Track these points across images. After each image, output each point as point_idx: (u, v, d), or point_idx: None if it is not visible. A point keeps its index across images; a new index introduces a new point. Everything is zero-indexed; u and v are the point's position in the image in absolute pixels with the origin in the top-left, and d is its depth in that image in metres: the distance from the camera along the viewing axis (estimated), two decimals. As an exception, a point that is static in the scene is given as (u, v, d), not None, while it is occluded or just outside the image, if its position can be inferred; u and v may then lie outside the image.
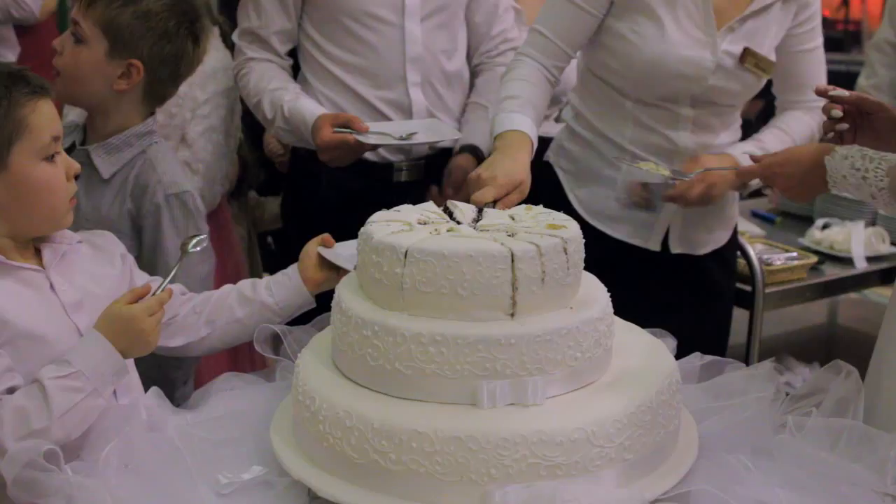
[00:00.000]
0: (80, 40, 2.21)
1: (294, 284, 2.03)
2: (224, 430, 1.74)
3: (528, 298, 1.56)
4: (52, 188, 1.79)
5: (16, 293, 1.75)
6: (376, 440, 1.49)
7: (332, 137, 2.52)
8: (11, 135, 1.73)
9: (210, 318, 2.02)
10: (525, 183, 2.16)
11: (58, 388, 1.66)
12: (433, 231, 1.65)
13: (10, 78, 1.75)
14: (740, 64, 2.43)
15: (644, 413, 1.54)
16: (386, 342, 1.54)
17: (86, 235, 1.97)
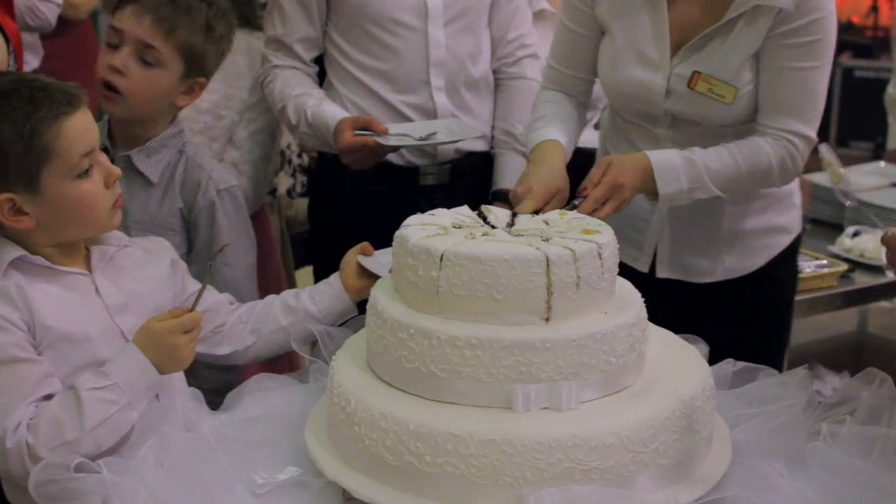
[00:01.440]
0: (153, 63, 2.22)
1: (336, 293, 2.06)
2: (259, 431, 1.76)
3: (563, 303, 1.56)
4: (91, 203, 1.79)
5: (59, 298, 1.77)
6: (412, 442, 1.50)
7: (352, 140, 2.53)
8: (39, 161, 1.73)
9: (255, 327, 2.04)
10: (563, 189, 2.18)
11: (93, 400, 1.68)
12: (468, 235, 1.66)
13: (32, 103, 1.74)
14: (690, 88, 2.25)
15: (678, 418, 1.55)
16: (421, 345, 1.55)
17: (138, 239, 1.99)
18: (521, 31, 2.88)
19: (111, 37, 2.20)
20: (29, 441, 1.64)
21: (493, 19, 2.83)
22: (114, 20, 2.21)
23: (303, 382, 1.94)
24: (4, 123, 1.71)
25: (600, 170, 2.16)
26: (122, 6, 2.20)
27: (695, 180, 2.20)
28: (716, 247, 2.43)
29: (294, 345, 1.99)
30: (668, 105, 2.29)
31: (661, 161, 2.20)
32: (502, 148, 2.85)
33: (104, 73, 2.20)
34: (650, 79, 2.29)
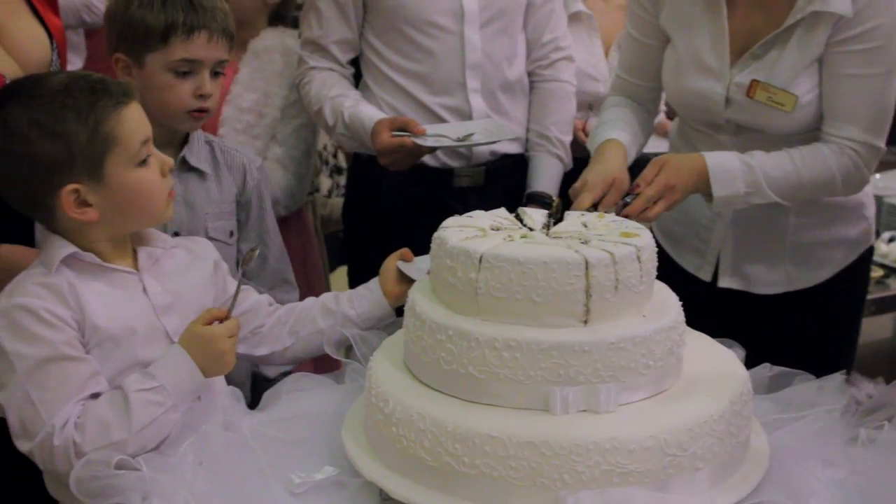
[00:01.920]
0: (220, 73, 2.28)
1: (375, 297, 2.07)
2: (296, 431, 1.77)
3: (601, 306, 1.57)
4: (151, 190, 1.82)
5: (108, 296, 1.78)
6: (450, 443, 1.51)
7: (389, 141, 2.54)
8: (103, 149, 1.75)
9: (294, 329, 2.06)
10: (620, 180, 2.19)
11: (140, 402, 1.69)
12: (507, 237, 1.66)
13: (93, 93, 1.77)
14: (749, 97, 2.25)
15: (716, 422, 1.54)
16: (460, 346, 1.56)
17: (182, 241, 2.01)
18: (556, 34, 2.88)
19: (180, 66, 2.20)
20: (76, 440, 1.65)
21: (529, 22, 2.83)
22: (181, 52, 2.20)
23: (339, 383, 1.95)
24: (69, 113, 1.73)
25: (654, 169, 2.17)
26: (189, 36, 2.19)
27: (752, 185, 2.19)
28: (779, 257, 2.41)
29: (327, 348, 2.00)
30: (728, 114, 2.29)
31: (718, 164, 2.20)
32: (536, 150, 2.86)
33: (192, 103, 2.22)
34: (710, 88, 2.29)
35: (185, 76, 2.21)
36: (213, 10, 2.22)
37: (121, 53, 2.23)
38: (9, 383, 1.69)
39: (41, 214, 1.81)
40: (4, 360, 1.69)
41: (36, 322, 1.69)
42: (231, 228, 2.35)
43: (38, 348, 1.68)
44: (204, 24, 2.20)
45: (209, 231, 2.29)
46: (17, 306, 1.70)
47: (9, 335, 1.69)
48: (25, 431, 1.68)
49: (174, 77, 2.21)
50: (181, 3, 2.19)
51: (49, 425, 1.65)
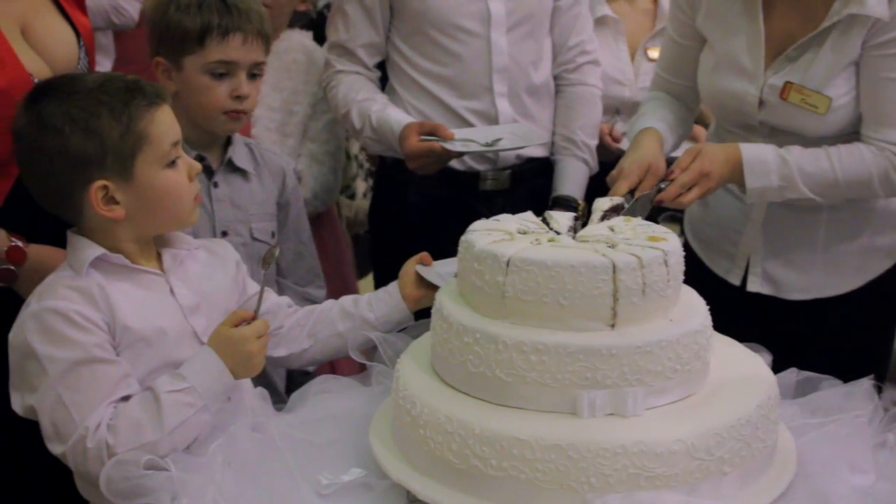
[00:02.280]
0: (258, 75, 2.32)
1: (394, 301, 2.07)
2: (324, 432, 1.78)
3: (628, 309, 1.57)
4: (178, 192, 1.84)
5: (137, 297, 1.80)
6: (477, 446, 1.51)
7: (418, 146, 2.56)
8: (134, 147, 1.77)
9: (313, 331, 2.07)
10: (655, 165, 2.21)
11: (172, 403, 1.70)
12: (534, 241, 1.67)
13: (128, 91, 1.80)
14: (782, 99, 2.25)
15: (744, 426, 1.54)
16: (487, 349, 1.56)
17: (203, 242, 2.03)
18: (582, 38, 2.89)
19: (217, 67, 2.24)
20: (109, 441, 1.66)
21: (555, 25, 2.84)
22: (217, 54, 2.24)
23: (365, 385, 1.96)
24: (104, 110, 1.76)
25: (690, 156, 2.18)
26: (223, 38, 2.23)
27: (786, 179, 2.19)
28: (811, 263, 2.39)
29: (351, 352, 2.01)
30: (762, 116, 2.29)
31: (753, 155, 2.21)
32: (562, 154, 2.86)
33: (229, 104, 2.26)
34: (744, 89, 2.29)
35: (222, 78, 2.25)
36: (248, 13, 2.26)
37: (160, 57, 2.27)
38: (41, 386, 1.70)
39: (69, 211, 1.83)
40: (36, 364, 1.71)
41: (67, 325, 1.71)
42: (273, 229, 2.39)
43: (70, 351, 1.70)
44: (239, 26, 2.23)
45: (254, 232, 2.34)
46: (47, 309, 1.72)
47: (40, 338, 1.71)
48: (58, 434, 1.70)
49: (211, 79, 2.24)
50: (216, 5, 2.23)
51: (82, 427, 1.67)
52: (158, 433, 1.68)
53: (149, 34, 2.33)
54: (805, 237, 2.37)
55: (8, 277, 2.03)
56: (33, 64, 2.10)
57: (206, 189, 2.30)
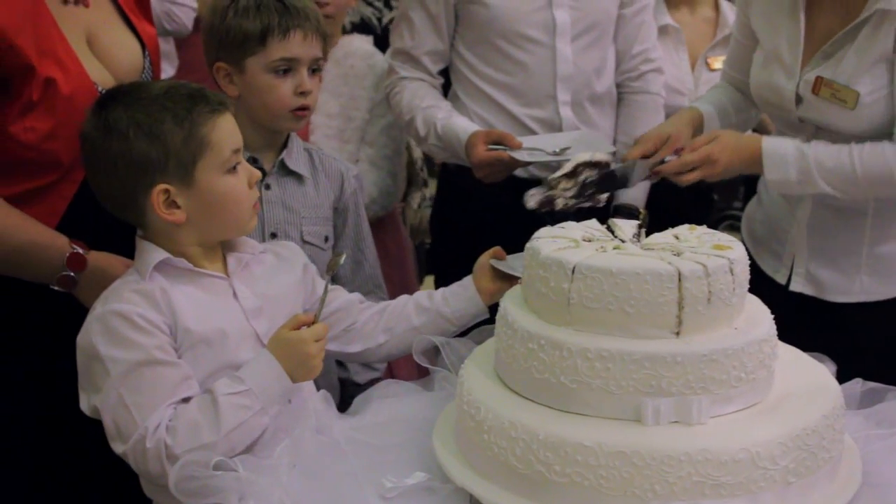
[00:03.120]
0: (318, 70, 2.35)
1: (469, 295, 2.10)
2: (387, 436, 1.80)
3: (693, 318, 1.57)
4: (237, 198, 1.87)
5: (199, 300, 1.83)
6: (541, 451, 1.52)
7: (486, 155, 2.56)
8: (195, 153, 1.81)
9: (388, 326, 2.09)
10: (675, 137, 2.28)
11: (229, 405, 1.73)
12: (599, 248, 1.67)
13: (191, 99, 1.84)
14: (814, 94, 2.27)
15: (808, 436, 1.54)
16: (552, 356, 1.57)
17: (269, 245, 2.06)
18: (645, 46, 2.89)
19: (280, 65, 2.28)
20: (167, 442, 1.69)
21: (619, 33, 2.84)
22: (279, 52, 2.27)
23: (428, 390, 1.98)
24: (167, 116, 1.80)
25: (706, 138, 2.23)
26: (285, 36, 2.27)
27: (804, 173, 2.21)
28: (855, 266, 2.38)
29: (416, 356, 2.02)
30: (800, 112, 2.30)
31: (773, 147, 2.25)
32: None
33: (294, 102, 2.29)
34: (783, 85, 2.32)
35: (285, 75, 2.28)
36: (305, 10, 2.29)
37: (221, 62, 2.30)
38: (104, 387, 1.74)
39: (132, 214, 1.87)
40: (100, 365, 1.74)
41: (130, 327, 1.74)
42: (327, 234, 2.40)
43: (132, 353, 1.73)
44: (298, 24, 2.27)
45: (304, 235, 2.35)
46: (111, 312, 1.76)
47: (104, 340, 1.74)
48: (120, 434, 1.73)
49: (274, 77, 2.27)
50: (274, 6, 2.26)
51: (142, 428, 1.70)
52: (215, 435, 1.71)
53: (206, 41, 2.36)
54: (850, 239, 2.37)
55: (68, 283, 2.06)
56: (98, 73, 2.13)
57: (258, 190, 2.32)
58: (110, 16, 2.25)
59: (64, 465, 2.16)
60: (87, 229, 2.12)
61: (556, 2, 2.68)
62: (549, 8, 2.68)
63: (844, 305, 2.40)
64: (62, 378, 1.91)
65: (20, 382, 2.11)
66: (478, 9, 2.68)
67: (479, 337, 2.00)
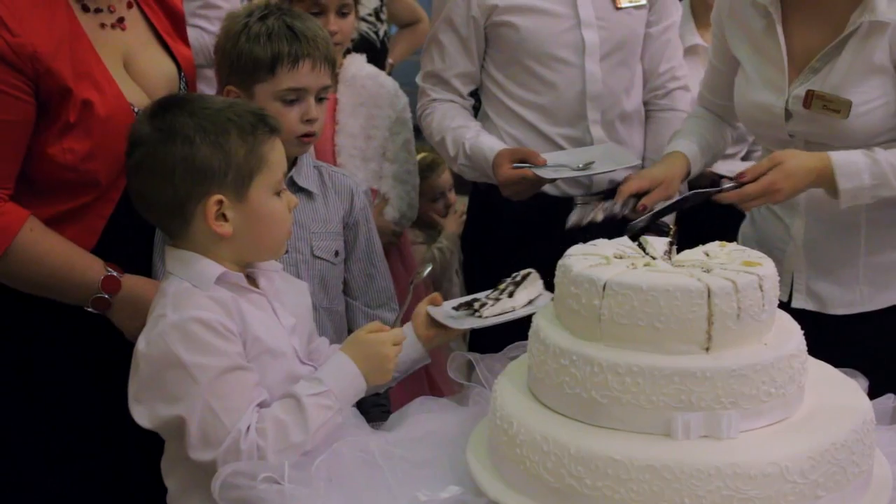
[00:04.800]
0: (325, 98, 2.38)
1: (410, 342, 2.09)
2: (422, 451, 1.82)
3: (723, 333, 1.59)
4: (280, 220, 1.92)
5: (255, 313, 1.87)
6: (572, 465, 1.55)
7: (511, 173, 2.60)
8: (254, 168, 1.86)
9: None
10: (668, 182, 2.33)
11: (314, 405, 1.79)
12: (630, 265, 1.70)
13: (254, 117, 1.89)
14: (805, 108, 2.29)
15: (838, 451, 1.55)
16: (583, 371, 1.60)
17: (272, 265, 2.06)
18: (672, 64, 2.91)
19: (287, 94, 2.30)
20: (259, 444, 1.74)
21: (646, 52, 2.87)
22: (288, 81, 2.30)
23: (462, 405, 2.00)
24: (233, 128, 1.85)
25: (767, 164, 2.22)
26: (293, 66, 2.30)
27: (878, 177, 2.22)
28: (854, 278, 2.40)
29: (451, 372, 2.05)
30: (790, 127, 2.33)
31: (843, 158, 2.23)
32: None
33: (300, 128, 2.32)
34: (771, 102, 2.34)
35: (293, 103, 2.31)
36: (315, 39, 2.32)
37: (231, 86, 2.34)
38: (188, 395, 1.76)
39: (177, 222, 1.88)
40: (183, 373, 1.76)
41: (213, 334, 1.78)
42: (337, 249, 2.43)
43: (218, 359, 1.77)
44: (308, 53, 2.29)
45: (315, 250, 2.39)
46: (192, 319, 1.78)
47: (187, 348, 1.76)
48: (208, 441, 1.76)
49: (282, 105, 2.30)
50: (285, 34, 2.29)
51: (235, 431, 1.74)
52: (304, 434, 1.76)
53: (219, 63, 2.40)
54: (846, 252, 2.39)
55: (103, 306, 2.11)
56: (134, 94, 2.18)
57: None
58: (146, 38, 2.30)
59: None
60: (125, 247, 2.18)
61: (584, 22, 2.71)
62: (577, 28, 2.71)
63: (848, 317, 2.42)
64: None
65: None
66: (508, 31, 2.72)
67: (512, 353, 2.03)
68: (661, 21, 2.87)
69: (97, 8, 2.16)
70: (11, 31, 1.97)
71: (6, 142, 2.02)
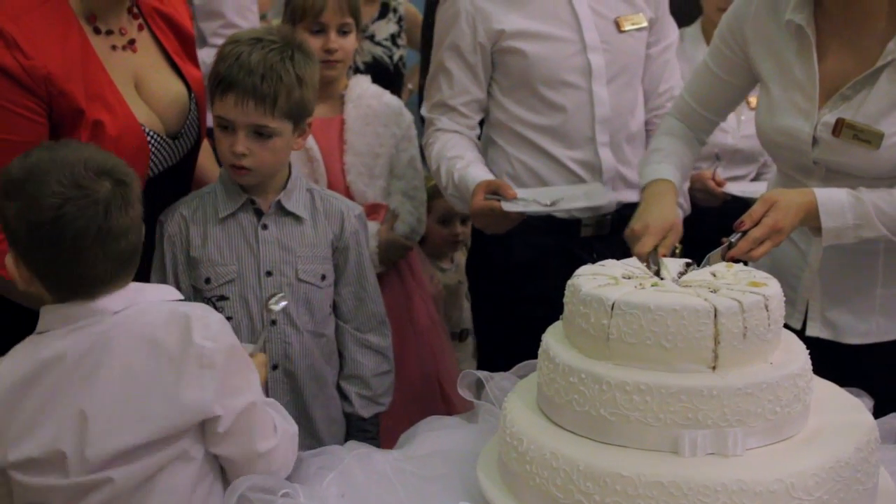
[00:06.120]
0: (269, 136, 2.33)
1: None
2: (433, 467, 1.85)
3: (729, 352, 1.62)
4: None
5: None
6: (582, 482, 1.57)
7: (480, 204, 2.57)
8: None
9: None
10: (677, 224, 2.26)
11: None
12: (638, 285, 1.73)
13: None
14: (835, 136, 2.24)
15: (843, 468, 1.58)
16: (592, 389, 1.63)
17: None
18: (670, 84, 2.93)
19: (221, 121, 2.30)
20: None
21: (645, 73, 2.89)
22: (217, 109, 2.31)
23: (472, 423, 2.03)
24: None
25: (763, 207, 2.18)
26: (223, 95, 2.29)
27: (861, 217, 2.19)
28: (869, 308, 2.37)
29: (461, 390, 2.07)
30: (816, 154, 2.29)
31: (827, 196, 2.21)
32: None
33: (230, 159, 2.32)
34: (798, 128, 2.30)
35: (225, 130, 2.32)
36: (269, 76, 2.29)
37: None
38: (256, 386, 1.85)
39: None
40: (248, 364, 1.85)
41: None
42: (324, 272, 2.44)
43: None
44: (239, 85, 2.28)
45: (300, 273, 2.40)
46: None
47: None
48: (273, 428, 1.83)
49: (219, 131, 2.33)
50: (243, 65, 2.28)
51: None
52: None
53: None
54: (862, 281, 2.36)
55: None
56: (145, 115, 2.23)
57: (254, 230, 2.38)
58: (157, 60, 2.35)
59: None
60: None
61: (589, 46, 2.73)
62: (583, 53, 2.73)
63: (863, 347, 2.38)
64: None
65: None
66: (515, 59, 2.73)
67: (521, 371, 2.06)
68: (660, 42, 2.89)
69: (108, 30, 2.21)
70: (25, 53, 2.01)
71: None
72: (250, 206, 2.38)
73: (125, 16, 2.26)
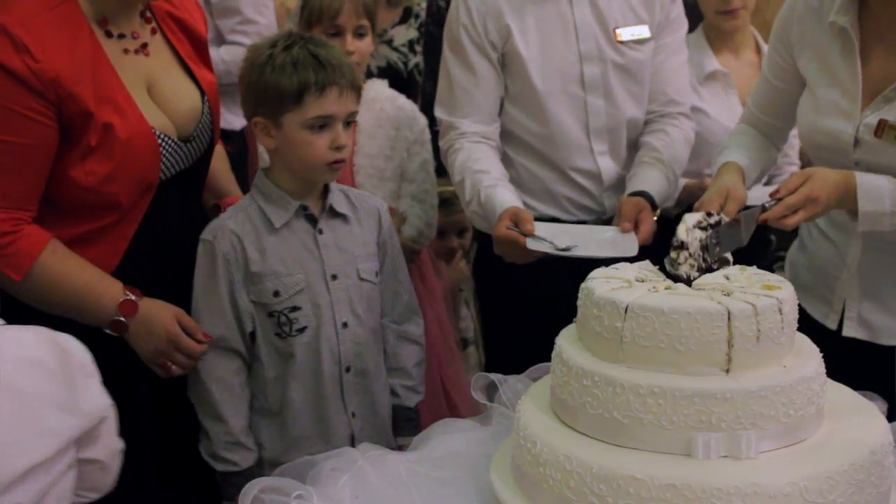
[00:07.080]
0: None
1: None
2: (446, 469, 1.86)
3: (743, 355, 1.62)
4: None
5: None
6: (595, 484, 1.57)
7: (504, 233, 2.54)
8: None
9: None
10: (734, 190, 2.25)
11: None
12: (651, 288, 1.73)
13: None
14: (877, 137, 2.24)
15: (857, 472, 1.57)
16: (605, 392, 1.63)
17: None
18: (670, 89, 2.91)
19: (315, 122, 2.29)
20: None
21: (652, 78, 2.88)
22: (315, 109, 2.28)
23: (485, 425, 2.04)
24: None
25: (800, 179, 2.18)
26: (322, 93, 2.29)
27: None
28: None
29: (474, 393, 2.08)
30: (857, 155, 2.29)
31: (868, 179, 2.21)
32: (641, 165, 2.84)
33: (330, 156, 2.31)
34: (840, 129, 2.31)
35: (321, 130, 2.30)
36: (341, 66, 2.31)
37: (259, 116, 2.33)
38: None
39: None
40: None
41: None
42: (376, 269, 2.46)
43: None
44: (334, 81, 2.29)
45: (361, 272, 2.40)
46: None
47: None
48: None
49: (310, 133, 2.29)
50: (311, 63, 2.28)
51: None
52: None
53: (244, 95, 2.38)
54: None
55: (120, 329, 2.15)
56: (157, 119, 2.23)
57: (313, 236, 2.36)
58: (170, 64, 2.35)
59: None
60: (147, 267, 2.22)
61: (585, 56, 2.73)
62: (578, 63, 2.73)
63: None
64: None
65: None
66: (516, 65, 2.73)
67: (535, 374, 2.06)
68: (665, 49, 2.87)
69: (121, 34, 2.21)
70: (34, 56, 2.02)
71: (29, 165, 2.07)
72: (302, 212, 2.35)
73: (138, 20, 2.27)
